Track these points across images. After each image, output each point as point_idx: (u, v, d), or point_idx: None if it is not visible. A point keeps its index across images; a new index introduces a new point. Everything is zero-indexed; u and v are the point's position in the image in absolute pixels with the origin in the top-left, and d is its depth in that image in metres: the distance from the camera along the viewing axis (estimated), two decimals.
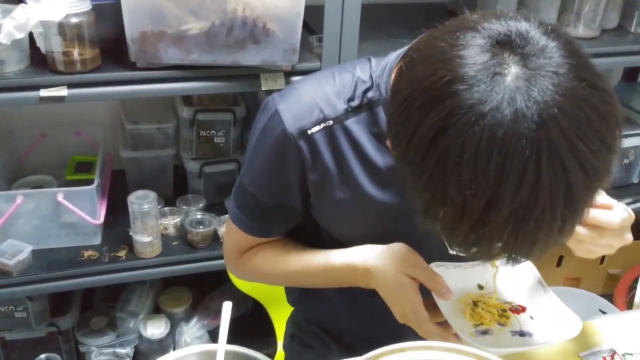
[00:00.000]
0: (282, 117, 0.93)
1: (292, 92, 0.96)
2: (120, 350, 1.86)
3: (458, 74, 0.66)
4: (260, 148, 0.97)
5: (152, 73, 1.44)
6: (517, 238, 0.67)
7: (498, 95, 0.64)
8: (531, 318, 0.97)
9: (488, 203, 0.64)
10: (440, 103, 0.66)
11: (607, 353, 1.04)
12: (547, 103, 0.63)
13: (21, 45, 1.39)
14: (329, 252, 1.02)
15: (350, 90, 0.94)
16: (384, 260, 0.94)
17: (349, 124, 0.93)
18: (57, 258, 1.65)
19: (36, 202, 1.60)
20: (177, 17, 1.37)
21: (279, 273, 1.09)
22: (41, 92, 1.37)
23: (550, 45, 0.67)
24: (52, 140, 1.88)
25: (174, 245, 1.75)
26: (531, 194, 0.64)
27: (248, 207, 1.04)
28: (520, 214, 0.65)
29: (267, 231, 1.07)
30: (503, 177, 0.63)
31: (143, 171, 1.85)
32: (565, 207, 0.65)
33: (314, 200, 1.00)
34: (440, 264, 0.98)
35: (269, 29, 1.42)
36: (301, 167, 0.95)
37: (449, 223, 0.69)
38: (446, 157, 0.65)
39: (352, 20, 1.49)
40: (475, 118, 0.64)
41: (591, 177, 0.65)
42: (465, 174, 0.64)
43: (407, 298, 0.92)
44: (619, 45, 1.81)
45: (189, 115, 1.77)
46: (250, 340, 1.94)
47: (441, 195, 0.67)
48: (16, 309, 1.75)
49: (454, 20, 0.75)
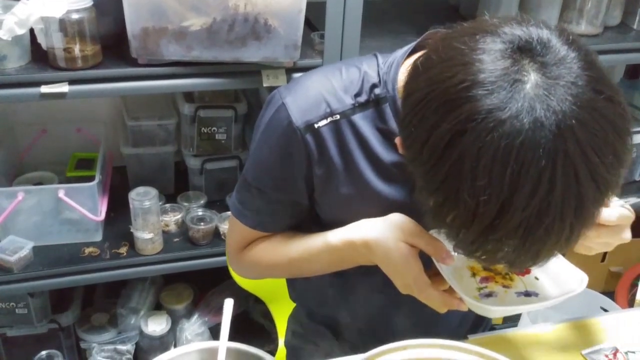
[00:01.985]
0: (289, 111, 0.92)
1: (298, 85, 0.96)
2: (121, 347, 1.86)
3: (477, 78, 0.65)
4: (266, 141, 0.97)
5: (153, 69, 1.44)
6: (524, 246, 0.67)
7: (518, 102, 0.64)
8: (536, 279, 0.96)
9: (500, 210, 0.64)
10: (459, 107, 0.65)
11: (609, 351, 1.04)
12: (565, 114, 0.63)
13: (22, 42, 1.38)
14: (327, 233, 1.01)
15: (358, 86, 0.93)
16: (383, 232, 0.93)
17: (355, 119, 0.93)
18: (58, 254, 1.65)
19: (37, 198, 1.60)
20: (179, 13, 1.37)
21: (279, 262, 1.08)
22: (42, 89, 1.37)
23: (571, 56, 0.67)
24: (53, 136, 1.88)
25: (175, 242, 1.75)
26: (543, 203, 0.64)
27: (253, 202, 1.03)
28: (531, 222, 0.65)
29: (271, 226, 1.06)
30: (518, 185, 0.63)
31: (144, 168, 1.85)
32: (575, 218, 0.66)
33: (318, 195, 1.00)
34: (440, 230, 0.97)
35: (270, 25, 1.42)
36: (307, 161, 0.95)
37: (459, 227, 0.69)
38: (462, 161, 0.65)
39: (354, 17, 1.48)
40: (494, 124, 0.63)
41: (602, 190, 0.66)
42: (480, 180, 0.64)
43: (408, 266, 0.91)
44: (621, 42, 1.80)
45: (190, 112, 1.76)
46: (252, 337, 1.94)
47: (454, 198, 0.67)
48: (17, 305, 1.76)
49: (473, 22, 0.75)
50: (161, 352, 0.92)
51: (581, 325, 1.10)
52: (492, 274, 0.97)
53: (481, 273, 0.97)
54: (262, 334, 1.96)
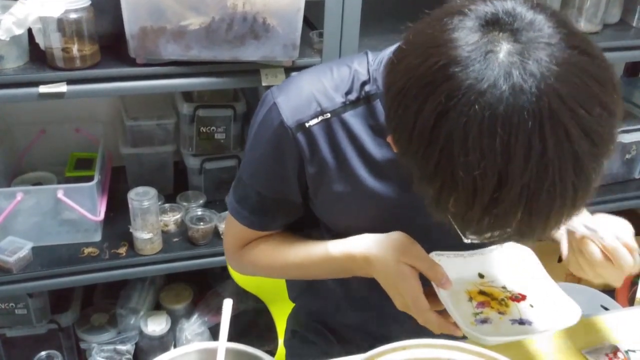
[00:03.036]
0: (281, 110, 0.93)
1: (290, 85, 0.96)
2: (121, 347, 1.85)
3: (451, 56, 0.66)
4: (259, 141, 0.97)
5: (151, 69, 1.44)
6: (530, 215, 0.66)
7: (494, 71, 0.64)
8: (531, 306, 0.97)
9: (498, 181, 0.64)
10: (437, 88, 0.66)
11: (609, 350, 1.04)
12: (543, 74, 0.64)
13: (20, 42, 1.38)
14: (327, 242, 1.02)
15: (348, 84, 0.94)
16: (384, 250, 0.94)
17: (346, 117, 0.93)
18: (57, 255, 1.64)
19: (36, 199, 1.60)
20: (177, 12, 1.37)
21: (278, 265, 1.09)
22: (40, 89, 1.37)
23: (539, 18, 0.68)
24: (52, 136, 1.87)
25: (175, 241, 1.74)
26: (540, 166, 0.64)
27: (248, 200, 1.04)
28: (532, 188, 0.64)
29: (266, 225, 1.07)
30: (510, 153, 0.63)
31: (143, 168, 1.85)
32: (575, 176, 0.65)
33: (312, 194, 1.00)
34: (440, 253, 0.98)
35: (269, 24, 1.42)
36: (299, 160, 0.95)
37: (462, 208, 0.68)
38: (451, 140, 0.65)
39: (353, 15, 1.48)
40: (474, 97, 0.64)
41: (596, 143, 0.65)
42: (472, 154, 0.64)
43: (408, 287, 0.91)
44: (620, 40, 1.80)
45: (189, 112, 1.76)
46: (251, 337, 1.94)
47: (450, 180, 0.67)
48: (16, 306, 1.75)
49: (439, 9, 0.75)
50: (161, 352, 0.92)
51: (581, 324, 1.10)
52: (488, 298, 0.98)
53: (478, 298, 0.98)
54: (261, 334, 1.96)
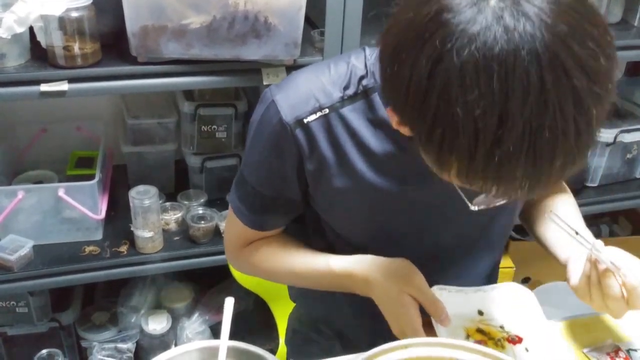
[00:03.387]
0: (279, 107, 0.94)
1: (288, 83, 0.97)
2: (121, 346, 1.85)
3: (442, 5, 0.67)
4: (258, 139, 0.98)
5: (153, 67, 1.43)
6: (535, 155, 0.66)
7: (487, 15, 0.65)
8: (526, 350, 0.97)
9: (499, 119, 0.64)
10: (431, 37, 0.66)
11: (611, 348, 1.04)
12: (537, 13, 0.64)
13: (22, 40, 1.38)
14: (329, 257, 1.03)
15: (346, 79, 0.94)
16: (387, 276, 0.96)
17: (345, 112, 0.94)
18: (58, 253, 1.64)
19: (37, 197, 1.60)
20: (178, 11, 1.37)
21: (278, 272, 1.10)
22: (42, 87, 1.37)
23: None
24: (53, 135, 1.87)
25: (176, 240, 1.74)
26: (539, 101, 0.64)
27: (248, 198, 1.04)
28: (534, 125, 0.64)
29: (266, 224, 1.07)
30: (508, 89, 0.63)
31: (144, 166, 1.85)
32: (576, 111, 0.65)
33: (312, 190, 1.00)
34: (442, 287, 0.99)
35: (270, 23, 1.41)
36: (298, 157, 0.95)
37: (465, 158, 0.67)
38: (448, 84, 0.65)
39: (354, 14, 1.48)
40: (468, 40, 0.64)
41: (593, 79, 0.65)
42: (470, 94, 0.64)
43: (407, 318, 0.94)
44: (622, 39, 1.79)
45: (190, 110, 1.76)
46: (252, 336, 1.94)
47: (451, 126, 0.66)
48: (17, 304, 1.75)
49: None
50: (161, 350, 0.92)
51: (583, 323, 1.10)
52: (485, 338, 0.98)
53: (475, 336, 0.98)
54: (262, 333, 1.96)
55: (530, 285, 2.28)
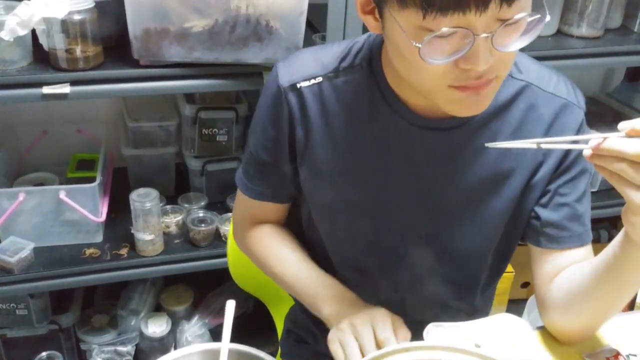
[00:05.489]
0: (278, 73, 0.99)
1: (293, 55, 1.02)
2: (121, 348, 1.86)
3: None
4: (260, 102, 1.03)
5: (154, 70, 1.44)
6: None
7: None
8: None
9: None
10: None
11: (610, 353, 1.03)
12: None
13: (24, 42, 1.39)
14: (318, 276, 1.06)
15: (344, 52, 0.98)
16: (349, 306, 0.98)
17: (338, 83, 0.96)
18: (58, 256, 1.65)
19: (38, 199, 1.60)
20: (180, 14, 1.37)
21: (267, 269, 1.13)
22: (44, 89, 1.37)
23: None
24: (54, 137, 1.88)
25: (176, 243, 1.74)
26: None
27: (247, 165, 1.08)
28: None
29: (258, 192, 1.09)
30: None
31: (145, 169, 1.85)
32: None
33: (299, 160, 1.02)
34: (437, 324, 0.98)
35: (272, 26, 1.42)
36: (290, 120, 0.99)
37: None
38: None
39: (356, 18, 1.48)
40: None
41: None
42: None
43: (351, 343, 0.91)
44: (622, 45, 1.80)
45: (191, 113, 1.76)
46: (252, 339, 1.93)
47: None
48: (17, 306, 1.75)
49: None
50: (161, 353, 0.92)
51: None
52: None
53: None
54: (262, 336, 1.96)
55: (529, 291, 2.28)
